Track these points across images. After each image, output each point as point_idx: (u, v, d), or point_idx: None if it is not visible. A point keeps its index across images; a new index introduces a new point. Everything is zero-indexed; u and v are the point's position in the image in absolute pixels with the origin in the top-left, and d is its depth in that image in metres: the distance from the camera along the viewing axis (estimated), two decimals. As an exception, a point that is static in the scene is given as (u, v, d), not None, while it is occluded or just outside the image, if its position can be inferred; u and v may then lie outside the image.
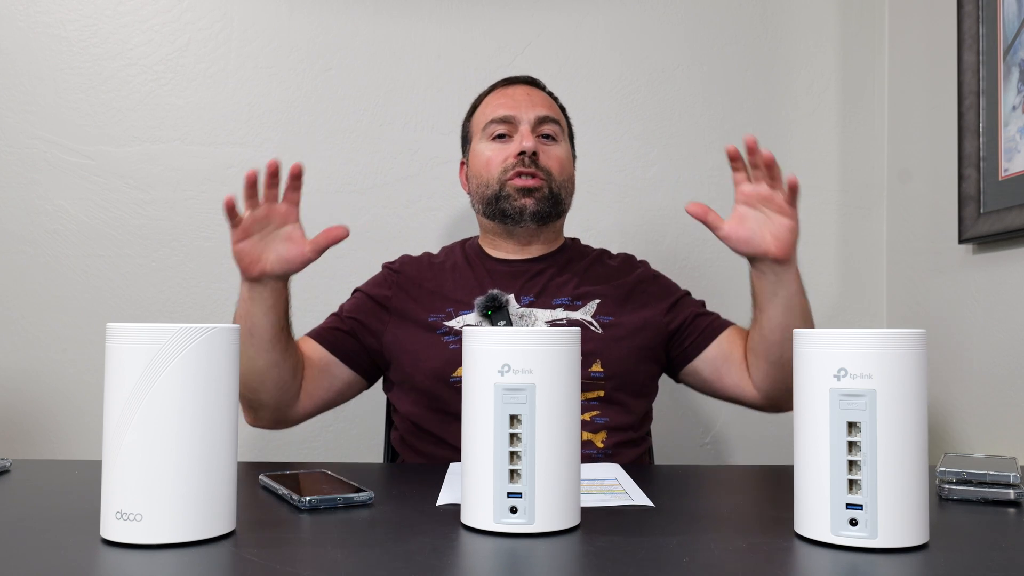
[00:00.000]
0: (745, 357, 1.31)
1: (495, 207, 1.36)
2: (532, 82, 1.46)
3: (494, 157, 1.36)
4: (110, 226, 1.77)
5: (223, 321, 1.52)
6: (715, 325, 1.37)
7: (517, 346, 0.76)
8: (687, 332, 1.36)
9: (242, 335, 1.18)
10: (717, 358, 1.34)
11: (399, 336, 1.34)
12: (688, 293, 1.43)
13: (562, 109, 1.46)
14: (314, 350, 1.32)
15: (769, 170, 1.13)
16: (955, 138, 1.57)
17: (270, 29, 1.80)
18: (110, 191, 1.77)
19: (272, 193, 1.14)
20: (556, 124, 1.39)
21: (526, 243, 1.40)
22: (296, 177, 1.14)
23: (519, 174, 1.33)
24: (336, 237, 1.17)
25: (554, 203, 1.36)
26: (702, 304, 1.42)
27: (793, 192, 1.13)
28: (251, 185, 1.12)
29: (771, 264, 1.17)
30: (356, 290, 1.42)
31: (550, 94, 1.46)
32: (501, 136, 1.37)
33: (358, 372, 1.35)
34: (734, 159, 1.15)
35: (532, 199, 1.34)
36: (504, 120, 1.37)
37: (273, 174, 1.13)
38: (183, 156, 1.78)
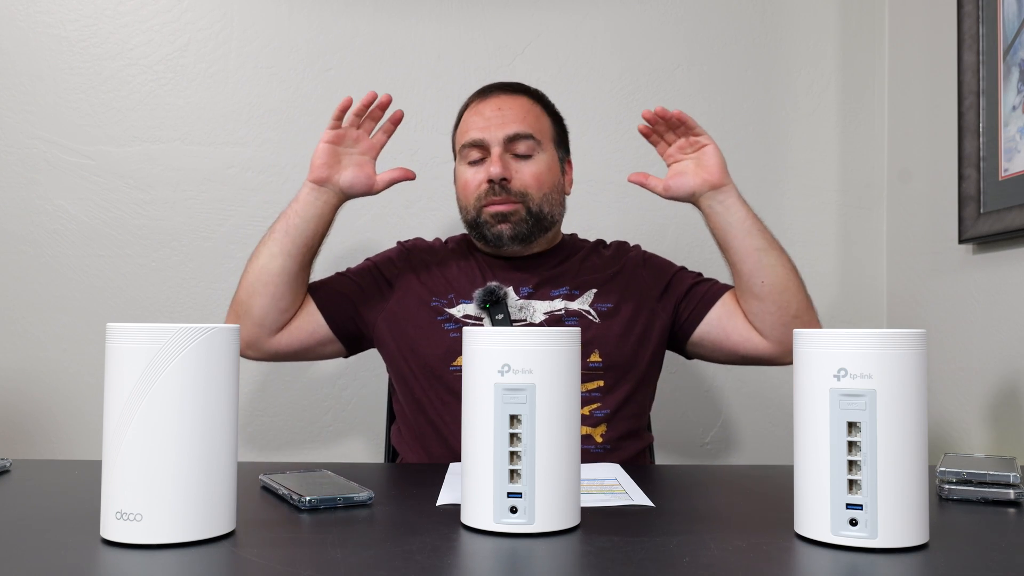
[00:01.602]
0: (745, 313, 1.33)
1: (477, 231, 1.37)
2: (508, 88, 1.40)
3: (470, 182, 1.35)
4: (110, 226, 1.77)
5: (223, 321, 1.53)
6: (715, 289, 1.38)
7: (517, 346, 0.76)
8: (685, 302, 1.37)
9: (276, 230, 1.31)
10: (721, 317, 1.35)
11: (400, 314, 1.35)
12: (683, 268, 1.43)
13: (548, 107, 1.41)
14: (308, 297, 1.36)
15: (667, 121, 1.27)
16: (955, 138, 1.57)
17: (270, 29, 1.80)
18: (110, 191, 1.77)
19: (371, 125, 1.33)
20: (530, 139, 1.34)
21: (518, 254, 1.39)
22: (395, 123, 1.34)
23: (492, 201, 1.33)
24: (404, 176, 1.34)
25: (535, 223, 1.34)
26: (699, 275, 1.42)
27: (684, 123, 1.26)
28: (367, 104, 1.29)
29: (713, 194, 1.27)
30: (367, 259, 1.45)
31: (532, 92, 1.41)
32: (476, 161, 1.35)
33: (336, 333, 1.37)
34: (648, 136, 1.30)
35: (508, 224, 1.33)
36: (475, 144, 1.34)
37: (383, 107, 1.31)
38: (183, 156, 1.78)
